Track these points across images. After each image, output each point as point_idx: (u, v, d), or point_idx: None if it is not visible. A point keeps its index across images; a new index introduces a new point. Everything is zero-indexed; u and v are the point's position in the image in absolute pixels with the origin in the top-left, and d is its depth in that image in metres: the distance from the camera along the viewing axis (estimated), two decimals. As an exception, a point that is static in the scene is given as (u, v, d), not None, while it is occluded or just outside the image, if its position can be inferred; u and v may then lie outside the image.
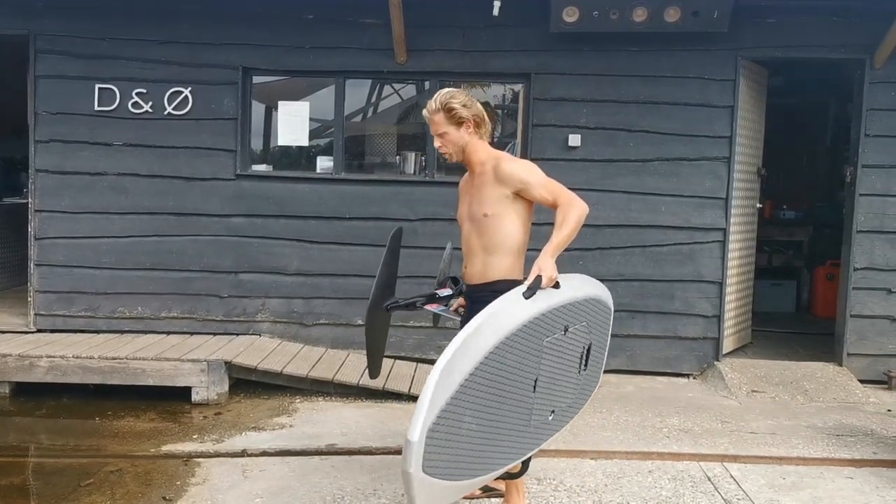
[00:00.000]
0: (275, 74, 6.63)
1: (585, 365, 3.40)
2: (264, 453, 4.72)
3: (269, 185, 6.59)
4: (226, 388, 5.85)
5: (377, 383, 5.81)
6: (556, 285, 3.10)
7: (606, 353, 3.72)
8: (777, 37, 6.33)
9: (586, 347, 3.37)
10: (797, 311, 8.84)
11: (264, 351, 6.24)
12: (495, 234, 3.39)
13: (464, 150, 3.43)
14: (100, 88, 6.46)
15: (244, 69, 6.49)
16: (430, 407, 2.56)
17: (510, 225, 3.38)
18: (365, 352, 3.75)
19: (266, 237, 6.58)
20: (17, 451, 5.02)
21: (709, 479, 4.37)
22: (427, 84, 6.63)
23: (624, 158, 6.46)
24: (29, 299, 6.62)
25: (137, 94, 6.47)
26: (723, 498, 4.12)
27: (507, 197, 3.33)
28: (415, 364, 6.53)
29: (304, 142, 6.69)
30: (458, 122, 3.37)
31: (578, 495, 4.12)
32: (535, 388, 3.03)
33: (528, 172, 3.31)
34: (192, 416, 5.53)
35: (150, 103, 6.48)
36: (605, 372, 6.37)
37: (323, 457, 4.64)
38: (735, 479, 4.38)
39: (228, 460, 4.62)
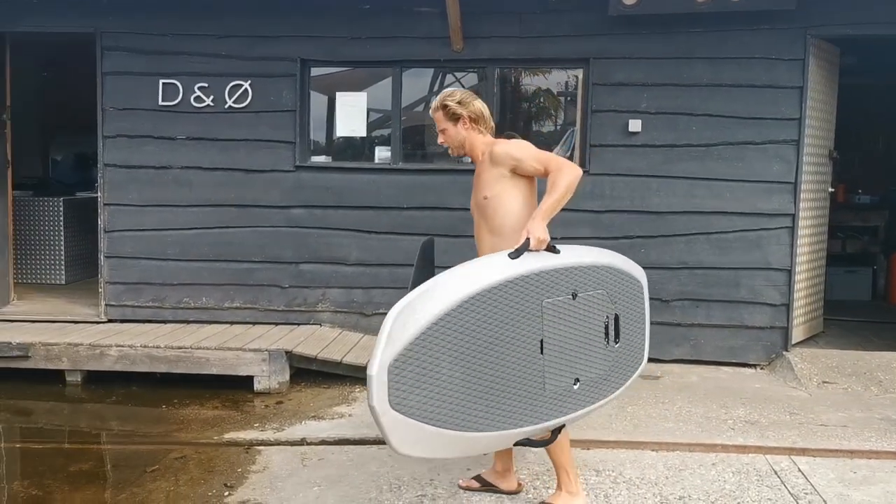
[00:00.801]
0: (332, 65, 6.66)
1: (616, 337, 3.42)
2: (323, 442, 4.76)
3: (328, 176, 6.64)
4: (287, 377, 5.92)
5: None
6: (553, 250, 3.19)
7: (647, 330, 3.70)
8: (849, 13, 6.07)
9: (611, 318, 3.39)
10: (873, 300, 8.49)
11: (324, 340, 6.30)
12: (496, 214, 3.49)
13: (463, 144, 3.62)
14: (163, 83, 6.60)
15: (302, 61, 6.54)
16: (387, 342, 2.67)
17: (510, 202, 3.46)
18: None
19: (325, 228, 6.63)
20: (87, 437, 5.21)
21: (775, 473, 4.24)
22: (485, 71, 6.57)
23: (686, 143, 6.30)
24: (100, 290, 6.82)
25: (199, 88, 6.58)
26: (790, 492, 3.98)
27: (504, 176, 3.44)
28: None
29: (363, 132, 6.71)
30: (455, 118, 3.56)
31: (638, 487, 4.04)
32: (542, 349, 3.10)
33: (518, 149, 3.43)
34: (254, 404, 5.62)
35: (212, 97, 6.58)
36: (668, 362, 6.38)
37: (381, 446, 4.65)
38: (803, 473, 4.23)
39: (288, 448, 4.67)
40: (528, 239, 3.13)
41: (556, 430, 3.35)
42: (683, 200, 6.34)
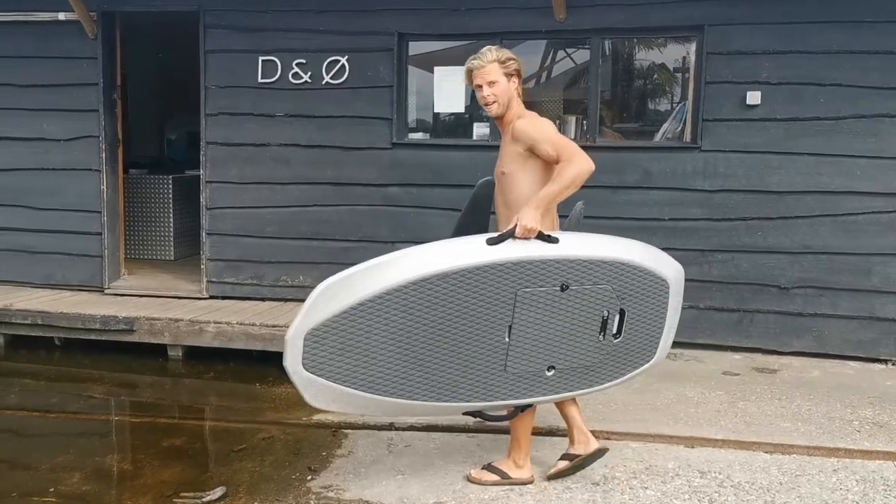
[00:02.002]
0: (430, 39, 6.45)
1: (618, 333, 3.40)
2: (412, 427, 4.60)
3: (425, 154, 6.46)
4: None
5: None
6: (549, 239, 3.15)
7: (668, 329, 3.61)
8: None
9: (613, 312, 3.36)
10: None
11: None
12: (510, 191, 3.43)
13: (509, 102, 3.46)
14: (263, 60, 6.57)
15: (399, 35, 6.37)
16: (307, 313, 2.92)
17: (524, 182, 3.38)
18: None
19: (422, 206, 6.46)
20: (182, 412, 5.25)
21: (907, 484, 3.79)
22: (589, 42, 6.21)
23: (812, 117, 5.76)
24: (201, 267, 6.91)
25: (297, 64, 6.51)
26: (923, 507, 3.54)
27: (521, 154, 3.35)
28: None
29: (461, 108, 6.49)
30: (509, 74, 3.43)
31: (748, 493, 3.68)
32: (509, 333, 3.18)
33: (537, 129, 3.33)
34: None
35: (309, 73, 6.50)
36: (786, 354, 5.89)
37: (470, 434, 4.45)
38: (940, 486, 3.76)
39: (375, 433, 4.54)
40: (514, 227, 3.11)
41: (520, 408, 3.45)
42: (807, 179, 5.81)
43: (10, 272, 7.28)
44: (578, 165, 3.15)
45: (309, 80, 6.51)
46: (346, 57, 6.43)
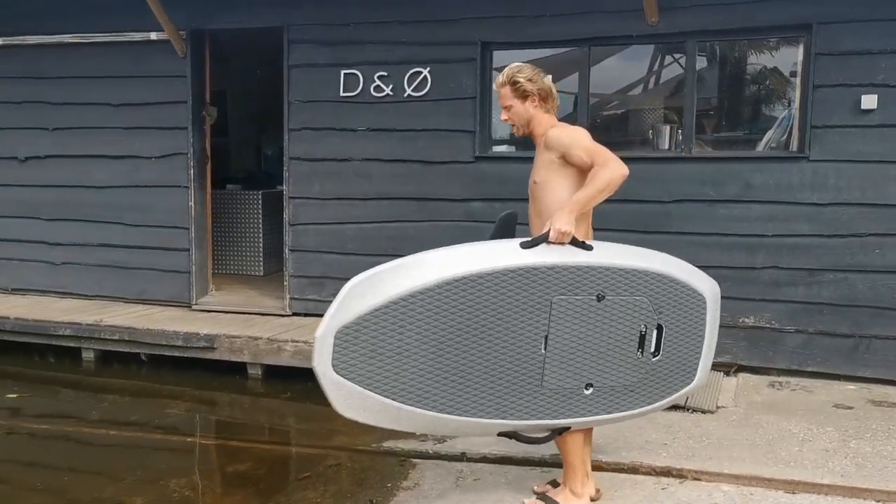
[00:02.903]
0: (514, 48, 6.16)
1: (657, 350, 3.21)
2: (484, 459, 4.33)
3: (509, 167, 6.19)
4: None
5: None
6: (583, 245, 3.07)
7: (707, 349, 3.41)
8: None
9: (650, 328, 3.19)
10: None
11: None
12: (543, 200, 3.33)
13: (528, 123, 3.42)
14: (345, 74, 6.47)
15: (482, 44, 6.14)
16: (338, 309, 2.75)
17: (558, 190, 3.27)
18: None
19: (505, 222, 6.19)
20: (253, 434, 5.15)
21: None
22: (684, 46, 5.80)
23: (938, 121, 5.18)
24: (285, 283, 6.86)
25: (379, 77, 6.38)
26: None
27: (554, 162, 3.27)
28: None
29: (546, 119, 6.19)
30: (524, 95, 3.37)
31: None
32: (545, 345, 3.01)
33: (570, 136, 3.26)
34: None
35: (391, 86, 6.36)
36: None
37: (546, 469, 4.14)
38: None
39: (445, 464, 4.30)
40: (548, 230, 3.04)
41: (557, 430, 3.25)
42: (933, 191, 5.23)
43: (106, 287, 7.45)
44: (612, 170, 3.09)
45: (391, 93, 6.36)
46: (428, 68, 6.25)
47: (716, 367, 5.74)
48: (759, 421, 4.75)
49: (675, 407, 5.01)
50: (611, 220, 5.77)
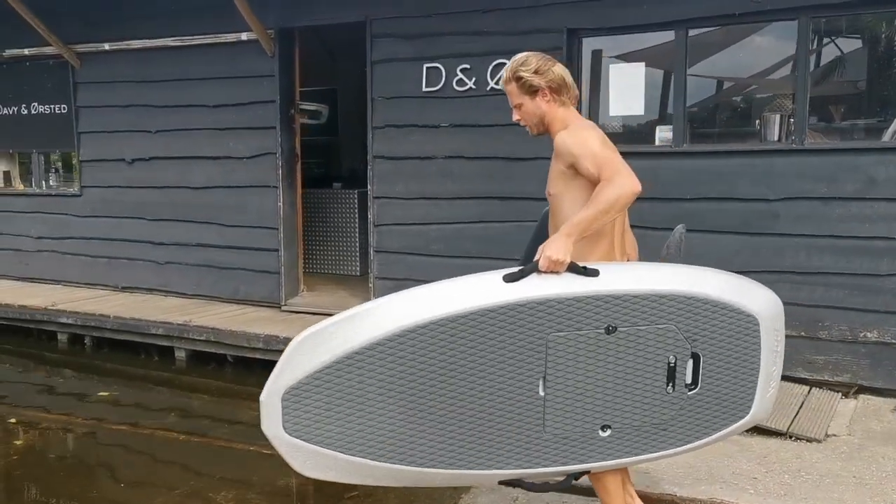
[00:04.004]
0: (603, 34, 5.71)
1: (694, 383, 2.79)
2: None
3: (599, 163, 5.74)
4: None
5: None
6: (585, 272, 2.65)
7: (767, 377, 2.88)
8: None
9: (683, 358, 2.76)
10: None
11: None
12: (558, 215, 2.91)
13: (542, 121, 2.98)
14: (427, 68, 6.21)
15: (569, 31, 5.71)
16: (282, 369, 2.54)
17: (569, 205, 2.84)
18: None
19: (594, 222, 5.75)
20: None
21: None
22: (796, 24, 5.15)
23: None
24: (370, 286, 6.70)
25: (461, 70, 6.08)
26: None
27: (564, 173, 2.86)
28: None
29: (639, 110, 5.69)
30: (532, 91, 2.93)
31: None
32: (543, 387, 2.67)
33: (578, 143, 2.80)
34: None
35: (474, 79, 6.04)
36: None
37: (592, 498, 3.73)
38: None
39: (501, 488, 3.95)
40: (538, 259, 2.62)
41: (572, 475, 2.88)
42: None
43: (204, 286, 7.56)
44: (619, 187, 2.65)
45: (473, 87, 6.05)
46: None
47: (832, 387, 5.11)
48: (875, 454, 4.13)
49: (775, 433, 4.46)
50: (706, 221, 5.27)
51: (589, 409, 2.73)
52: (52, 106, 8.46)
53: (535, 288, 2.62)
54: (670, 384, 2.77)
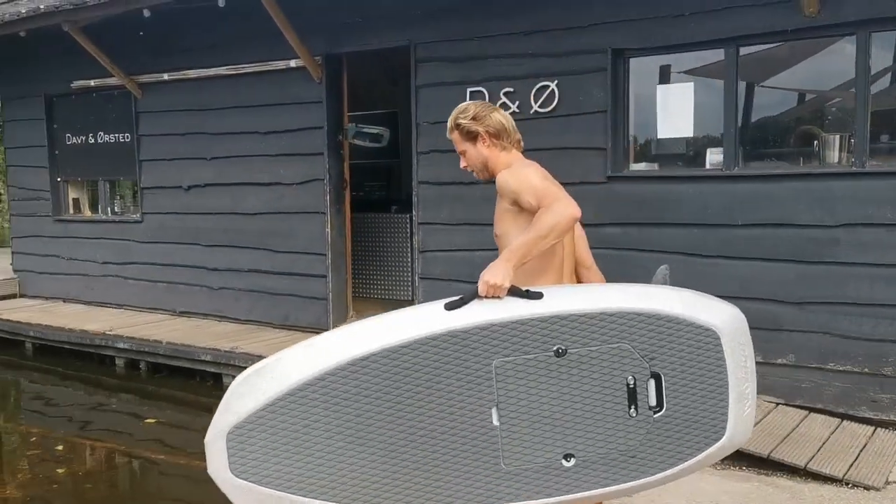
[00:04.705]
0: (649, 53, 5.49)
1: (658, 405, 2.65)
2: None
3: (646, 188, 5.51)
4: (577, 429, 4.97)
5: (761, 448, 4.37)
6: (528, 295, 2.60)
7: (739, 395, 2.69)
8: None
9: (642, 379, 2.64)
10: None
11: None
12: None
13: (486, 166, 3.07)
14: (470, 92, 6.11)
15: (613, 51, 5.51)
16: (225, 408, 2.52)
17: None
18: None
19: (642, 249, 5.52)
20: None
21: None
22: (853, 39, 4.83)
23: None
24: (415, 312, 6.58)
25: (505, 93, 5.95)
26: None
27: (509, 210, 2.92)
28: (837, 421, 4.85)
29: (689, 131, 5.44)
30: (472, 137, 3.03)
31: None
32: (496, 419, 2.58)
33: (518, 179, 2.86)
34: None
35: (517, 102, 5.90)
36: None
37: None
38: None
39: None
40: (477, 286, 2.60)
41: None
42: None
43: (256, 312, 7.60)
44: (556, 213, 2.66)
45: (517, 110, 5.90)
46: (556, 81, 5.73)
47: None
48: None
49: (830, 479, 4.14)
50: (759, 248, 5.00)
51: (548, 437, 2.62)
52: (116, 135, 8.71)
53: (476, 314, 2.57)
54: (632, 407, 2.65)
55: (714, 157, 5.33)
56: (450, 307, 2.59)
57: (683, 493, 4.16)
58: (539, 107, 5.80)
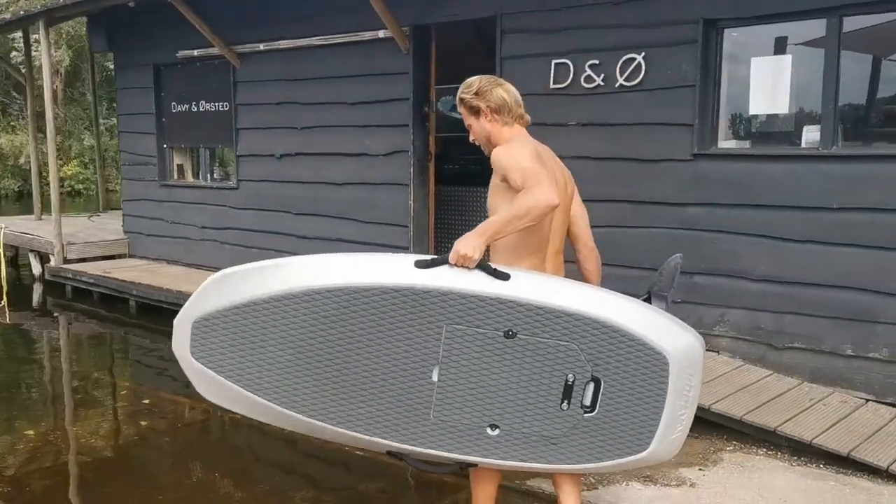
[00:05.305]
0: (745, 24, 5.18)
1: (592, 406, 2.85)
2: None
3: (735, 166, 5.23)
4: (647, 415, 4.81)
5: (842, 445, 4.12)
6: (496, 273, 2.76)
7: (670, 420, 2.84)
8: None
9: (581, 379, 2.82)
10: None
11: (707, 375, 4.95)
12: None
13: (489, 140, 3.12)
14: (555, 64, 5.94)
15: (705, 22, 5.23)
16: (196, 299, 2.81)
17: None
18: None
19: (727, 231, 5.26)
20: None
21: None
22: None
23: None
24: (494, 287, 6.52)
25: (590, 66, 5.75)
26: None
27: (499, 187, 2.96)
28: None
29: (783, 107, 5.12)
30: (475, 111, 3.11)
31: None
32: (437, 376, 2.81)
33: (508, 156, 2.93)
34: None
35: (602, 75, 5.70)
36: None
37: None
38: None
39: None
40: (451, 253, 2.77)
41: (462, 465, 3.01)
42: None
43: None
44: (534, 197, 2.73)
45: (601, 83, 5.71)
46: (643, 54, 5.49)
47: None
48: None
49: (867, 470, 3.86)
50: (856, 234, 4.75)
51: (479, 404, 2.83)
52: (216, 104, 8.97)
53: (442, 279, 2.73)
54: (565, 401, 2.82)
55: (810, 135, 5.00)
56: (420, 265, 2.76)
57: (754, 486, 3.98)
58: (624, 80, 5.58)
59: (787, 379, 5.01)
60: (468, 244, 2.72)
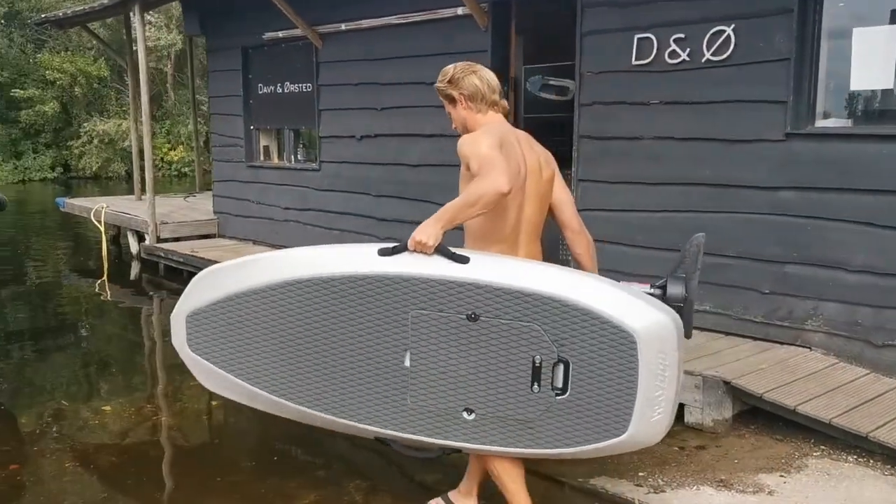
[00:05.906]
0: (846, -10, 4.75)
1: (563, 389, 2.85)
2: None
3: (832, 147, 4.81)
4: (726, 414, 4.50)
5: (943, 457, 3.73)
6: (454, 257, 2.82)
7: (646, 400, 2.81)
8: None
9: (548, 361, 2.82)
10: None
11: (795, 373, 4.61)
12: None
13: (465, 127, 3.17)
14: (638, 39, 5.60)
15: (803, -12, 4.82)
16: (185, 296, 3.07)
17: None
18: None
19: (822, 218, 4.85)
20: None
21: None
22: None
23: None
24: (571, 274, 6.28)
25: (675, 40, 5.39)
26: None
27: (465, 175, 2.99)
28: None
29: (888, 83, 4.66)
30: (451, 99, 3.18)
31: None
32: (409, 361, 2.91)
33: (470, 143, 2.95)
34: (668, 442, 4.37)
35: (688, 50, 5.34)
36: None
37: None
38: None
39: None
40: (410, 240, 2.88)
41: (447, 451, 3.09)
42: None
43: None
44: (483, 184, 2.75)
45: (687, 59, 5.35)
46: (733, 26, 5.11)
47: None
48: None
49: None
50: None
51: (451, 389, 2.89)
52: (300, 85, 8.99)
53: (403, 265, 2.82)
54: (535, 384, 2.83)
55: (919, 113, 4.55)
56: (382, 253, 2.86)
57: (840, 496, 3.65)
58: (712, 55, 5.21)
59: (886, 380, 4.59)
60: (424, 231, 2.80)
